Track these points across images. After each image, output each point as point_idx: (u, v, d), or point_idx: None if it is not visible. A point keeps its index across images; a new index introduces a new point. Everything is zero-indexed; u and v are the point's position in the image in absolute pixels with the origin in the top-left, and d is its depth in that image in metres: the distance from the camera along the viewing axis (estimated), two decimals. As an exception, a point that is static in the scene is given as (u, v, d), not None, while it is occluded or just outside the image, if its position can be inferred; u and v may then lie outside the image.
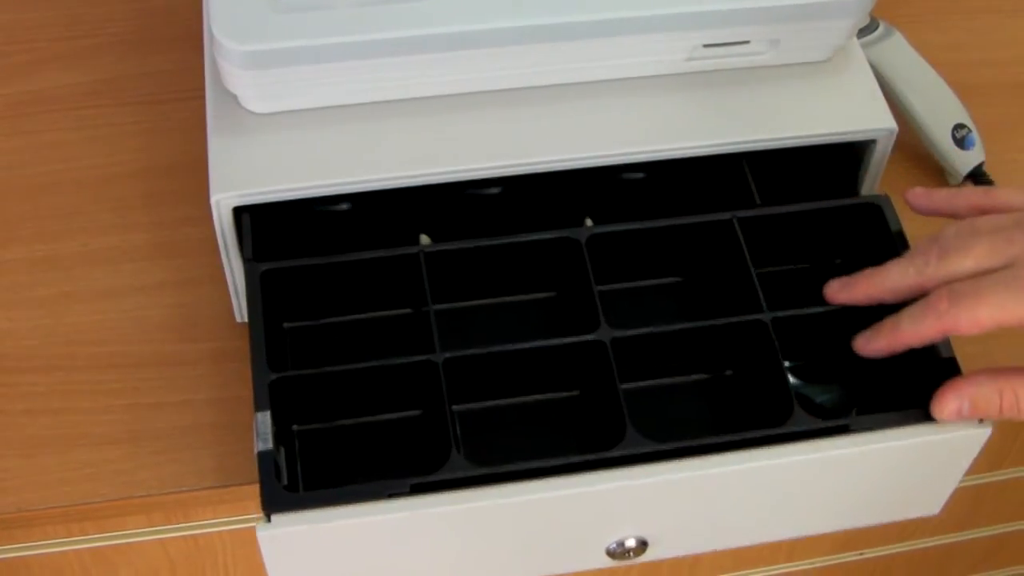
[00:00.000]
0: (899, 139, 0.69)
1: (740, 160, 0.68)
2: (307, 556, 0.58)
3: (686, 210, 0.67)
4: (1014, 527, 1.00)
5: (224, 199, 0.63)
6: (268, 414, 0.58)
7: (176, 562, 0.76)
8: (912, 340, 0.59)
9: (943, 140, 0.78)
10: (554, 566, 0.64)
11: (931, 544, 0.97)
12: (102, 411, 0.68)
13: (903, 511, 0.68)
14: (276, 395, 0.59)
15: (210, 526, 0.73)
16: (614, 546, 0.62)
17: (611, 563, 0.63)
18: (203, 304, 0.71)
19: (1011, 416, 0.58)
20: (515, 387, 0.65)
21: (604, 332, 0.62)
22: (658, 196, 0.69)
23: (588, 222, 0.67)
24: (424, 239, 0.67)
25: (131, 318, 0.71)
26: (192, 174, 0.74)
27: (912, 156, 0.80)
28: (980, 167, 0.78)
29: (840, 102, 0.68)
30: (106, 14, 0.85)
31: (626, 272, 0.69)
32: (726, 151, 0.67)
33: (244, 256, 0.64)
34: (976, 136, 0.78)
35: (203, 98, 0.67)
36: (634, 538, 0.62)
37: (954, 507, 0.73)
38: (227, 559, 0.77)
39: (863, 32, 0.79)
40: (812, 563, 0.94)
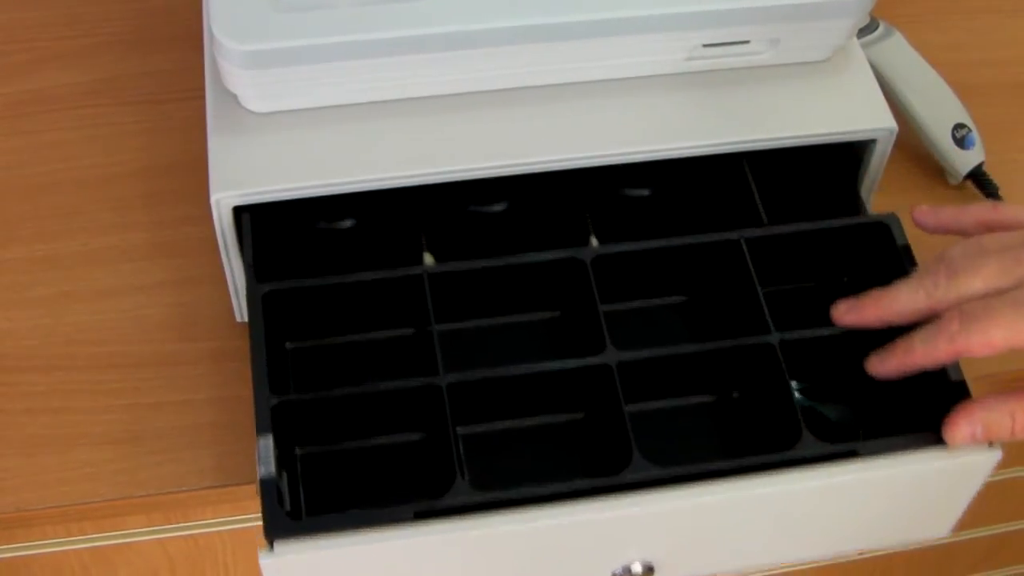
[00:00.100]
0: (899, 139, 0.69)
1: (740, 161, 0.68)
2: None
3: (690, 215, 0.67)
4: (1014, 527, 1.01)
5: (224, 198, 0.63)
6: (271, 438, 0.57)
7: (176, 562, 0.76)
8: (924, 362, 0.58)
9: (943, 140, 0.78)
10: (559, 592, 0.63)
11: (931, 544, 0.97)
12: (102, 411, 0.67)
13: (911, 534, 0.67)
14: (278, 418, 0.58)
15: (210, 526, 0.73)
16: (620, 571, 0.61)
17: (617, 588, 0.63)
18: (203, 304, 0.71)
19: (1023, 437, 0.58)
20: (519, 409, 0.64)
21: (610, 355, 0.61)
22: (662, 206, 0.69)
23: (593, 241, 0.66)
24: (428, 259, 0.67)
25: (131, 318, 0.71)
26: (192, 173, 0.74)
27: (912, 156, 0.80)
28: (980, 167, 0.78)
29: (840, 102, 0.68)
30: (106, 13, 0.85)
31: (631, 291, 0.68)
32: (726, 151, 0.66)
33: (245, 262, 0.64)
34: (976, 136, 0.78)
35: (203, 98, 0.67)
36: (640, 563, 0.61)
37: (954, 507, 0.73)
38: (227, 559, 0.77)
39: (863, 32, 0.79)
40: (812, 563, 0.94)
